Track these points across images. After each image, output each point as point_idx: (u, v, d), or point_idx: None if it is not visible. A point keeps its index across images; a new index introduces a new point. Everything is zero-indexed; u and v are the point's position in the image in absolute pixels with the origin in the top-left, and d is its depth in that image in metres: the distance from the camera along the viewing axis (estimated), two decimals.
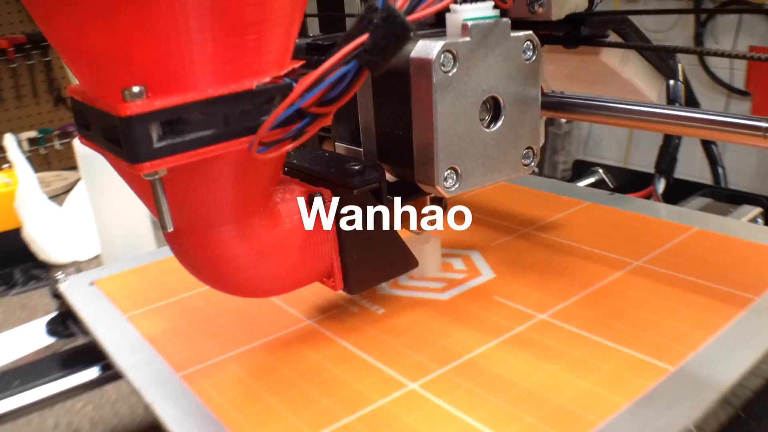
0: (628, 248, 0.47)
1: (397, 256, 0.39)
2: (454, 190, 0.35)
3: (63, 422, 0.53)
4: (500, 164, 0.36)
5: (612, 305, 0.40)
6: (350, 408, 0.33)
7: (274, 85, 0.28)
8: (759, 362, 0.33)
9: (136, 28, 0.24)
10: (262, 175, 0.31)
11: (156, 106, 0.25)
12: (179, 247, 0.34)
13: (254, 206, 0.33)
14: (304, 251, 0.35)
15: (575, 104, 0.42)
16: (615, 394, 0.32)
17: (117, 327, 0.44)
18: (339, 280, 0.37)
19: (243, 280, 0.34)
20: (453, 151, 0.34)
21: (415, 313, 0.41)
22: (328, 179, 0.36)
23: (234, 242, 0.33)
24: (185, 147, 0.26)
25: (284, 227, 0.34)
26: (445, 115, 0.33)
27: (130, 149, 0.25)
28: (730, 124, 0.35)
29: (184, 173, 0.28)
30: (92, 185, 0.72)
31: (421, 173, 0.35)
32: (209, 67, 0.26)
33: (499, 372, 0.35)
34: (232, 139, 0.27)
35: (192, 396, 0.36)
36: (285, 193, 0.35)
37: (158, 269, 0.52)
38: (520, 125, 0.37)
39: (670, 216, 0.52)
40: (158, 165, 0.26)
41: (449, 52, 0.33)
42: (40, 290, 0.78)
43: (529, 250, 0.48)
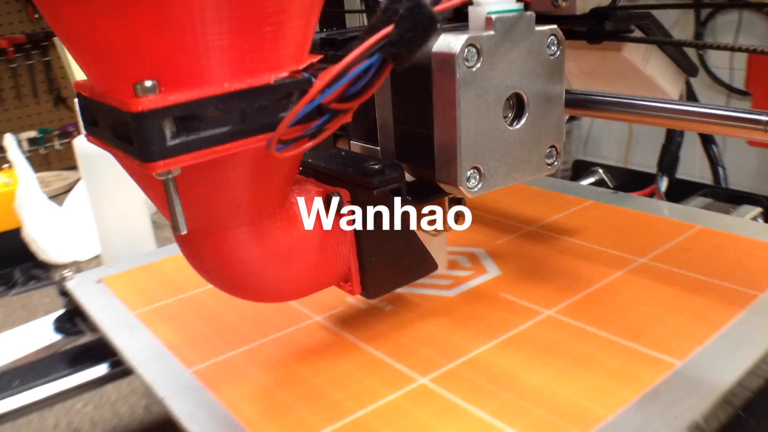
0: (633, 246, 0.47)
1: (416, 258, 0.38)
2: (477, 190, 0.34)
3: (63, 422, 0.54)
4: (524, 163, 0.35)
5: (618, 302, 0.40)
6: (362, 402, 0.33)
7: (293, 79, 0.27)
8: (764, 356, 0.34)
9: (148, 18, 0.23)
10: (278, 174, 0.30)
11: (169, 101, 0.24)
12: (191, 250, 0.33)
13: (270, 207, 0.32)
14: (321, 254, 0.34)
15: (573, 100, 0.42)
16: (623, 388, 0.32)
17: (126, 324, 0.44)
18: (357, 284, 0.36)
19: (258, 284, 0.33)
20: (476, 150, 0.33)
21: (422, 310, 0.42)
22: (346, 179, 0.34)
23: (249, 245, 0.31)
24: (200, 145, 0.25)
25: (301, 229, 0.33)
26: (469, 111, 0.32)
27: (143, 147, 0.24)
28: (731, 118, 0.35)
29: (199, 172, 0.27)
30: (92, 185, 0.72)
31: (442, 173, 0.34)
32: (225, 60, 0.25)
33: (508, 367, 0.35)
34: (249, 136, 0.26)
35: (204, 391, 0.36)
36: (301, 194, 0.34)
37: (166, 267, 0.53)
38: (543, 123, 0.36)
39: (673, 214, 0.52)
40: (172, 164, 0.24)
41: (473, 46, 0.31)
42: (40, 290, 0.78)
43: (535, 247, 0.49)
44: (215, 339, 0.41)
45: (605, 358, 0.35)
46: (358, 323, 0.41)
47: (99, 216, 0.74)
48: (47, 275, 0.82)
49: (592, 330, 0.38)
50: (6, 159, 0.90)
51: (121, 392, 0.57)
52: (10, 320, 0.71)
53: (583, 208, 0.55)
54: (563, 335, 0.37)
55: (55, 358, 0.53)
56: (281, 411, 0.33)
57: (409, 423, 0.32)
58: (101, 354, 0.49)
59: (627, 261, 0.45)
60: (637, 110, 0.40)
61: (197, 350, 0.40)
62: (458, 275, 0.46)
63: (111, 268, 0.53)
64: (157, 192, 0.29)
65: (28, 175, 0.87)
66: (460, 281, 0.45)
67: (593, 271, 0.44)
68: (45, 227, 0.85)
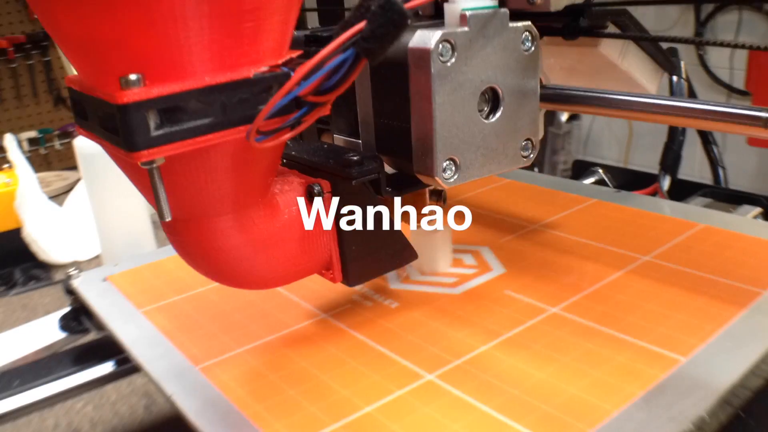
0: (636, 244, 0.48)
1: (396, 248, 0.39)
2: (453, 181, 0.35)
3: (63, 422, 0.54)
4: (499, 155, 0.36)
5: (622, 299, 0.40)
6: (370, 398, 0.34)
7: (272, 74, 0.28)
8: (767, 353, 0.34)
9: (133, 14, 0.24)
10: (260, 164, 0.31)
11: (153, 93, 0.25)
12: (177, 238, 0.34)
13: (253, 196, 0.33)
14: (302, 242, 0.35)
15: (574, 96, 0.42)
16: (629, 384, 0.33)
17: (132, 321, 0.45)
18: (338, 272, 0.37)
19: (241, 270, 0.34)
20: (452, 142, 0.34)
21: (428, 307, 0.42)
22: (327, 170, 0.35)
23: (232, 232, 0.33)
24: (183, 135, 0.26)
25: (283, 218, 0.34)
26: (444, 105, 0.33)
27: (128, 137, 0.25)
28: (730, 115, 0.36)
29: (182, 162, 0.28)
30: (92, 185, 0.72)
31: (420, 164, 0.35)
32: (206, 54, 0.26)
33: (514, 363, 0.35)
34: (229, 127, 0.27)
35: (211, 387, 0.36)
36: (284, 185, 0.35)
37: (171, 265, 0.53)
38: (519, 117, 0.37)
39: (675, 213, 0.53)
40: (156, 153, 0.26)
41: (447, 41, 0.32)
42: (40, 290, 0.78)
43: (539, 246, 0.49)
44: (222, 336, 0.41)
45: (610, 354, 0.35)
46: (365, 321, 0.41)
47: (99, 216, 0.74)
48: (47, 275, 0.82)
49: (596, 327, 0.38)
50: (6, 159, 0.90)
51: (121, 392, 0.57)
52: (10, 320, 0.71)
53: (586, 206, 0.55)
54: (568, 332, 0.38)
55: (54, 358, 0.53)
56: (289, 407, 0.34)
57: (416, 419, 0.32)
58: (101, 354, 0.50)
59: (630, 259, 0.45)
60: (635, 108, 0.40)
61: (204, 347, 0.40)
62: (463, 273, 0.46)
63: (116, 266, 0.53)
64: (142, 181, 0.30)
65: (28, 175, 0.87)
66: (464, 279, 0.45)
67: (597, 268, 0.45)
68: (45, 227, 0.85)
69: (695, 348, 0.35)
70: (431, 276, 0.46)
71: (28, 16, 2.41)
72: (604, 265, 0.45)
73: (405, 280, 0.46)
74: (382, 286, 0.45)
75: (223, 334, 0.42)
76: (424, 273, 0.47)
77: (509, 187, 0.62)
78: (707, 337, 0.36)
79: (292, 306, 0.44)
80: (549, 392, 0.33)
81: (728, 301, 0.39)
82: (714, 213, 0.52)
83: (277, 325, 0.42)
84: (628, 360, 0.35)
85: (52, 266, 0.84)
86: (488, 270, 0.46)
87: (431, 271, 0.47)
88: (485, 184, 0.64)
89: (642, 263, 0.45)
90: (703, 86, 1.53)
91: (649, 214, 0.53)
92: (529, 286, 0.43)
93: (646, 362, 0.34)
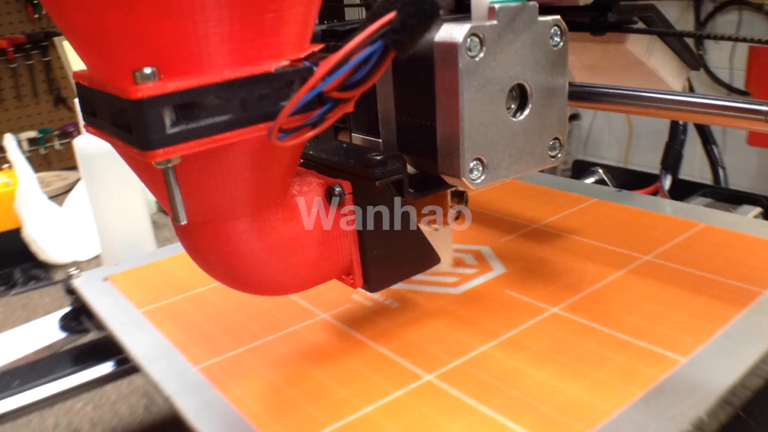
0: (637, 243, 0.47)
1: (419, 252, 0.37)
2: (480, 182, 0.33)
3: (63, 422, 0.54)
4: (527, 155, 0.35)
5: (622, 299, 0.40)
6: (368, 399, 0.34)
7: (294, 68, 0.26)
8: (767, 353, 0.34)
9: (148, 3, 0.23)
10: (279, 164, 0.30)
11: (169, 88, 0.23)
12: (191, 242, 0.32)
13: (271, 198, 0.31)
14: (322, 246, 0.34)
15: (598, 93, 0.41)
16: (628, 385, 0.32)
17: (133, 322, 0.45)
18: (359, 277, 0.35)
19: (258, 276, 0.33)
20: (479, 141, 0.33)
21: (428, 307, 0.42)
22: (348, 170, 0.34)
23: (249, 236, 0.31)
24: (200, 133, 0.25)
25: (301, 222, 0.33)
26: (472, 102, 0.32)
27: (142, 135, 0.23)
28: (732, 109, 0.35)
29: (199, 162, 0.27)
30: (92, 185, 0.72)
31: (445, 164, 0.33)
32: (226, 47, 0.25)
33: (514, 364, 0.35)
34: (249, 125, 0.26)
35: (211, 388, 0.36)
36: (302, 186, 0.33)
37: (172, 265, 0.53)
38: (547, 115, 0.35)
39: (676, 212, 0.52)
40: (171, 152, 0.24)
41: (476, 35, 0.31)
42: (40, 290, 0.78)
43: (539, 245, 0.49)
44: (222, 336, 0.41)
45: (610, 354, 0.35)
46: (365, 320, 0.41)
47: (99, 216, 0.73)
48: (47, 275, 0.82)
49: (596, 327, 0.38)
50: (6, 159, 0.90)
51: (121, 392, 0.57)
52: (10, 320, 0.71)
53: (587, 206, 0.55)
54: (568, 332, 0.38)
55: (54, 358, 0.53)
56: (287, 408, 0.34)
57: (414, 419, 0.32)
58: (101, 354, 0.50)
59: (631, 258, 0.45)
60: (637, 101, 0.40)
61: (204, 348, 0.40)
62: (464, 273, 0.46)
63: (117, 266, 0.53)
64: (156, 182, 0.29)
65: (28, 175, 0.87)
66: (465, 279, 0.45)
67: (598, 268, 0.45)
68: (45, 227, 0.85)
69: (695, 348, 0.35)
70: (432, 275, 0.46)
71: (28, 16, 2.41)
72: (605, 265, 0.45)
73: (406, 280, 0.46)
74: None
75: (223, 334, 0.42)
76: (425, 272, 0.47)
77: (510, 187, 0.62)
78: (707, 337, 0.36)
79: (293, 306, 0.44)
80: (548, 393, 0.33)
81: (728, 300, 0.39)
82: (715, 212, 0.52)
83: (277, 325, 0.42)
84: (628, 360, 0.34)
85: (52, 266, 0.84)
86: (489, 270, 0.46)
87: (432, 271, 0.47)
88: None
89: (642, 263, 0.45)
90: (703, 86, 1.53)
91: (650, 214, 0.52)
92: (529, 286, 0.43)
93: (646, 362, 0.34)
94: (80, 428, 0.53)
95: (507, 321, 0.39)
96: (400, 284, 0.45)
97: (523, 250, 0.49)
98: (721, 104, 0.36)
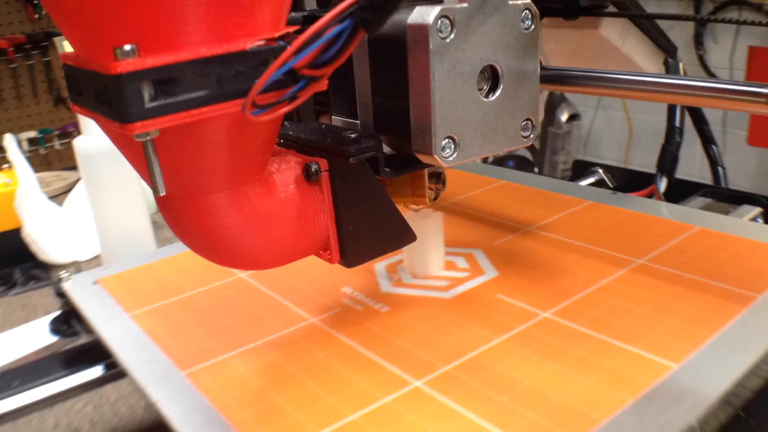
0: (631, 247, 0.47)
1: (395, 229, 0.38)
2: (452, 159, 0.34)
3: (63, 422, 0.53)
4: (499, 135, 0.36)
5: (615, 303, 0.40)
6: (355, 406, 0.33)
7: (269, 47, 0.27)
8: (761, 359, 0.34)
9: None
10: (256, 139, 0.31)
11: (148, 64, 0.25)
12: (173, 216, 0.33)
13: (249, 173, 0.32)
14: (299, 222, 0.35)
15: (574, 77, 0.41)
16: (619, 391, 0.32)
17: (121, 325, 0.44)
18: (336, 253, 0.36)
19: (237, 249, 0.34)
20: (451, 120, 0.34)
21: (419, 312, 0.42)
22: (324, 148, 0.35)
23: (228, 210, 0.32)
24: (177, 108, 0.26)
25: (279, 196, 0.34)
26: (443, 82, 0.33)
27: (121, 108, 0.25)
28: (732, 92, 0.35)
29: (177, 136, 0.28)
30: (92, 185, 0.72)
31: (418, 142, 0.34)
32: (202, 25, 0.26)
33: (503, 370, 0.35)
34: (225, 101, 0.27)
35: (197, 394, 0.36)
36: (281, 164, 0.35)
37: (162, 268, 0.52)
38: (518, 96, 0.36)
39: (671, 215, 0.52)
40: (150, 125, 0.25)
41: (446, 17, 0.32)
42: (40, 290, 0.78)
43: (532, 248, 0.49)
44: (209, 341, 0.41)
45: (601, 360, 0.35)
46: (354, 325, 0.41)
47: (99, 216, 0.73)
48: (47, 275, 0.81)
49: (588, 332, 0.37)
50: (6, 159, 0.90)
51: (121, 392, 0.57)
52: (10, 320, 0.70)
53: (581, 208, 0.55)
54: (559, 337, 0.37)
55: (54, 358, 0.52)
56: (274, 415, 0.33)
57: (401, 427, 0.31)
58: (101, 354, 0.49)
59: (625, 262, 0.45)
60: (635, 86, 0.39)
61: (191, 352, 0.40)
62: (455, 276, 0.46)
63: (107, 269, 0.53)
64: (136, 155, 0.30)
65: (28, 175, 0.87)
66: (456, 283, 0.45)
67: (591, 272, 0.44)
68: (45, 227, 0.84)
69: (687, 354, 0.34)
70: (423, 279, 0.46)
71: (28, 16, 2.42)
72: (598, 269, 0.44)
73: (396, 284, 0.45)
74: (373, 289, 0.45)
75: (211, 338, 0.41)
76: (416, 276, 0.46)
77: (504, 189, 0.62)
78: (700, 342, 0.35)
79: (283, 310, 0.44)
80: (538, 400, 0.32)
81: (722, 305, 0.38)
82: (710, 215, 0.51)
83: (266, 330, 0.41)
84: (619, 366, 0.34)
85: (52, 266, 0.84)
86: (481, 273, 0.46)
87: (423, 275, 0.46)
88: (480, 185, 0.63)
89: (636, 266, 0.44)
90: None
91: (645, 217, 0.52)
92: (521, 290, 0.43)
93: (637, 369, 0.34)
94: (80, 428, 0.53)
95: (498, 326, 0.39)
96: (391, 288, 0.45)
97: (516, 254, 0.48)
98: (721, 87, 0.35)
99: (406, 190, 0.41)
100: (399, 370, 0.36)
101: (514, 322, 0.39)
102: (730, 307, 0.38)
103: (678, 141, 0.60)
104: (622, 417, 0.30)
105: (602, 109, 1.97)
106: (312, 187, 0.35)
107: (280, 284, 0.47)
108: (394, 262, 0.49)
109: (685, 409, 0.30)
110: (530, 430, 0.30)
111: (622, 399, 0.31)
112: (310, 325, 0.42)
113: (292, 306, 0.44)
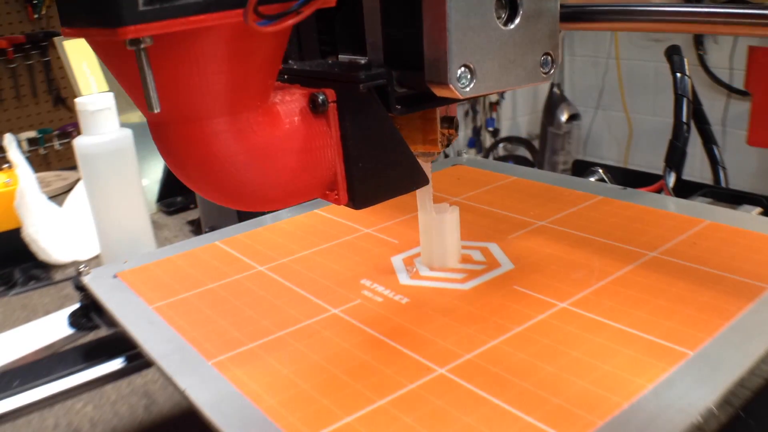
0: (642, 240, 0.48)
1: (407, 169, 0.36)
2: (469, 90, 0.32)
3: (63, 422, 0.54)
4: (518, 68, 0.34)
5: (630, 294, 0.41)
6: (382, 392, 0.34)
7: None
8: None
9: None
10: (258, 58, 0.29)
11: None
12: (168, 144, 0.31)
13: (250, 98, 0.30)
14: (304, 155, 0.32)
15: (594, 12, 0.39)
16: (638, 377, 0.33)
17: (144, 317, 0.45)
18: (343, 193, 0.34)
19: (235, 183, 0.32)
20: (467, 46, 0.31)
21: (438, 302, 0.43)
22: (332, 78, 0.33)
23: (227, 137, 0.30)
24: (173, 13, 0.24)
25: (283, 127, 0.32)
26: (459, 5, 0.31)
27: (114, 11, 0.23)
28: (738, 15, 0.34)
29: (174, 49, 0.26)
30: (92, 185, 0.72)
31: (432, 71, 0.32)
32: None
33: (524, 357, 0.36)
34: (225, 9, 0.25)
35: (225, 382, 0.36)
36: (285, 95, 0.32)
37: (181, 262, 0.53)
38: (537, 27, 0.34)
39: (681, 209, 0.53)
40: (143, 30, 0.24)
41: None
42: (40, 290, 0.78)
43: (546, 242, 0.50)
44: (234, 332, 0.42)
45: (619, 348, 0.36)
46: (375, 315, 0.42)
47: (99, 216, 0.74)
48: (47, 275, 0.82)
49: (605, 321, 0.38)
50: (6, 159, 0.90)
51: (121, 392, 0.57)
52: (10, 320, 0.71)
53: (592, 203, 0.56)
54: (577, 327, 0.38)
55: (54, 358, 0.53)
56: (303, 401, 0.34)
57: (428, 411, 0.32)
58: (100, 354, 0.50)
59: (637, 255, 0.46)
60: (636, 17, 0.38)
61: (216, 343, 0.41)
62: (472, 269, 0.47)
63: (125, 263, 0.54)
64: (129, 72, 0.28)
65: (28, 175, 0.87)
66: (473, 275, 0.46)
67: (605, 264, 0.45)
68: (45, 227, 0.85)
69: (703, 342, 0.35)
70: (440, 272, 0.47)
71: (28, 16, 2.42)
72: (611, 261, 0.45)
73: (414, 276, 0.46)
74: (392, 281, 0.46)
75: (235, 329, 0.42)
76: (433, 269, 0.47)
77: (515, 185, 0.63)
78: (714, 331, 0.36)
79: (304, 301, 0.45)
80: (559, 385, 0.33)
81: (734, 296, 0.40)
82: (719, 210, 0.52)
83: (289, 320, 0.42)
84: (637, 353, 0.35)
85: (52, 266, 0.84)
86: (497, 266, 0.47)
87: (440, 267, 0.47)
88: (491, 182, 0.64)
89: (649, 259, 0.45)
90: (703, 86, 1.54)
91: (655, 211, 0.53)
92: (537, 282, 0.44)
93: (655, 356, 0.35)
94: (80, 428, 0.53)
95: (516, 316, 0.40)
96: (409, 281, 0.46)
97: (531, 247, 0.49)
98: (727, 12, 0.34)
99: (417, 136, 0.39)
100: (423, 358, 0.37)
101: (532, 312, 0.40)
102: (743, 297, 0.39)
103: (686, 136, 0.61)
104: (642, 401, 0.31)
105: (602, 109, 1.99)
106: (318, 120, 0.32)
107: (299, 277, 0.48)
108: (410, 255, 0.50)
109: (703, 394, 0.31)
110: (554, 414, 0.31)
111: (642, 384, 0.32)
112: (331, 316, 0.42)
113: (313, 297, 0.45)
